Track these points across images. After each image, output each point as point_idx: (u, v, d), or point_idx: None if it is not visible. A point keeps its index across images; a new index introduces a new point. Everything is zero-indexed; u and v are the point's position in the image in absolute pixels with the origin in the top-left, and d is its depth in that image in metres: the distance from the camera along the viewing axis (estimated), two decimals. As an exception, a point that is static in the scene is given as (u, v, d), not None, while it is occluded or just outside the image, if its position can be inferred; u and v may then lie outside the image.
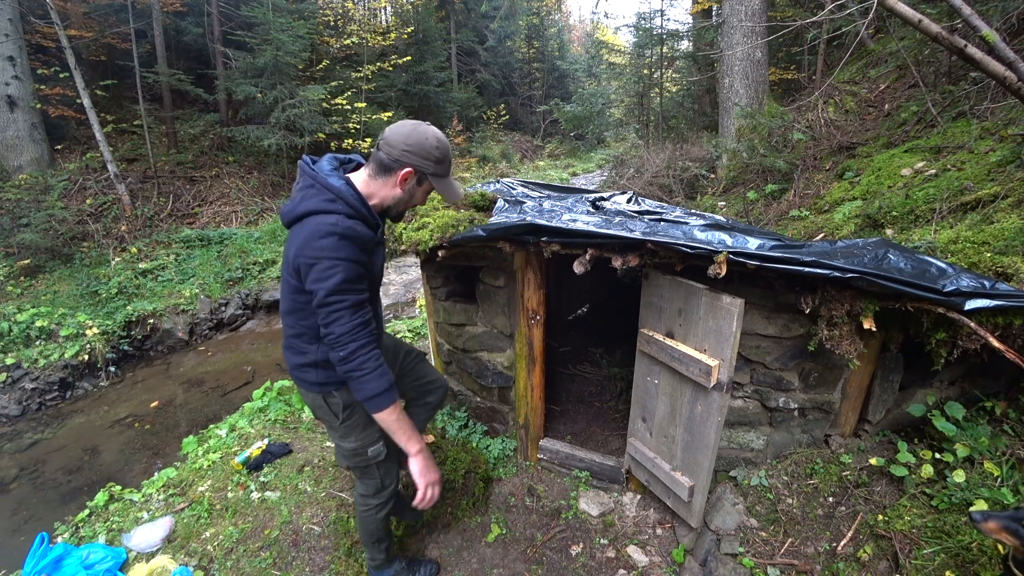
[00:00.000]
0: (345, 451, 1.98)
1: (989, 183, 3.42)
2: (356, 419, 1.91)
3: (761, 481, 2.57)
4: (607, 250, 2.22)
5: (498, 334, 3.06)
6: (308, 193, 1.62)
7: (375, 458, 1.99)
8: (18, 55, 8.16)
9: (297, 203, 1.62)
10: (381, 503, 2.12)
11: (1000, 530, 1.46)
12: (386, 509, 2.15)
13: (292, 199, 1.66)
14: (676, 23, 13.08)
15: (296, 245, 1.58)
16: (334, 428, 1.94)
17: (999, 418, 2.38)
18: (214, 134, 11.01)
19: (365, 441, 1.95)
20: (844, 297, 2.04)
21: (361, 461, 1.99)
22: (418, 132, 1.64)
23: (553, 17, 27.08)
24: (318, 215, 1.56)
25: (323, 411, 1.91)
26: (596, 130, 18.21)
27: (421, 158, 1.64)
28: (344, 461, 2.12)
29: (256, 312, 7.74)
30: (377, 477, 2.07)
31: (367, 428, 1.93)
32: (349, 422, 1.90)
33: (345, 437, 1.93)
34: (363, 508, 2.14)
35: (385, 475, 2.08)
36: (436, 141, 1.66)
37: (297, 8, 12.15)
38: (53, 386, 5.55)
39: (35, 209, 7.64)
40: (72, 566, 2.48)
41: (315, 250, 1.53)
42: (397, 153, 1.63)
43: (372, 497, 2.11)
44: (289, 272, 1.65)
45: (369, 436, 1.95)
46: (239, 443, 3.63)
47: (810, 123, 6.02)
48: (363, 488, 2.11)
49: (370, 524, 2.19)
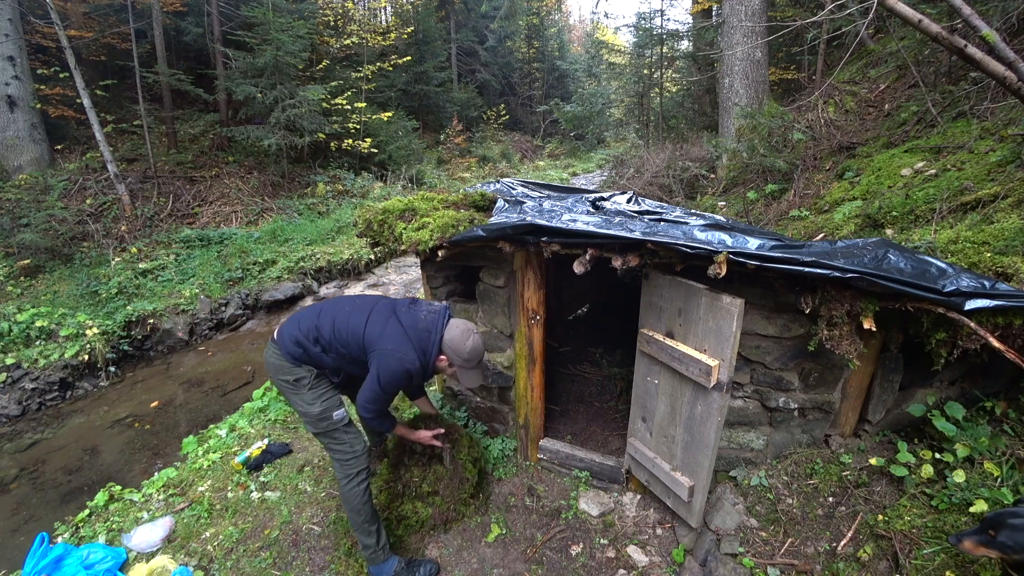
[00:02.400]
0: (311, 418, 2.32)
1: (989, 183, 3.42)
2: (322, 387, 2.34)
3: (761, 481, 2.57)
4: (607, 250, 2.22)
5: (498, 334, 3.06)
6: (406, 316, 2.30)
7: (340, 421, 2.35)
8: (18, 55, 8.16)
9: (383, 325, 2.25)
10: (359, 470, 2.37)
11: (977, 546, 1.46)
12: (365, 480, 2.38)
13: (381, 316, 2.29)
14: (676, 23, 13.07)
15: (377, 346, 2.19)
16: (301, 396, 2.30)
17: (999, 418, 2.38)
18: (214, 134, 11.01)
19: (328, 405, 2.33)
20: (844, 297, 2.04)
21: (328, 426, 2.33)
22: (460, 336, 2.25)
23: (553, 17, 27.07)
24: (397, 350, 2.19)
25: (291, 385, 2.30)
26: (596, 130, 18.22)
27: (454, 354, 2.27)
28: (312, 428, 2.38)
29: (256, 312, 7.73)
30: (346, 441, 2.37)
31: (330, 395, 2.36)
32: (315, 388, 2.32)
33: (311, 403, 2.30)
34: (345, 481, 2.36)
35: (353, 439, 2.39)
36: (471, 349, 2.26)
37: (297, 8, 12.15)
38: (53, 386, 5.55)
39: (35, 209, 7.63)
40: (72, 566, 2.49)
41: (388, 359, 2.17)
42: (444, 343, 2.26)
43: (350, 464, 2.36)
44: (358, 342, 2.25)
45: (332, 402, 2.35)
46: (239, 443, 3.63)
47: (810, 123, 6.02)
48: (339, 458, 2.38)
49: (354, 499, 2.35)
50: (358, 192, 11.59)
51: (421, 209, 2.86)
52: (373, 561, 2.44)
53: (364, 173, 12.29)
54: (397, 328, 2.22)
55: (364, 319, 2.25)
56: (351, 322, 2.26)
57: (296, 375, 2.29)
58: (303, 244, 9.02)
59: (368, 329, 2.22)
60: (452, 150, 17.26)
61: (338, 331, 2.26)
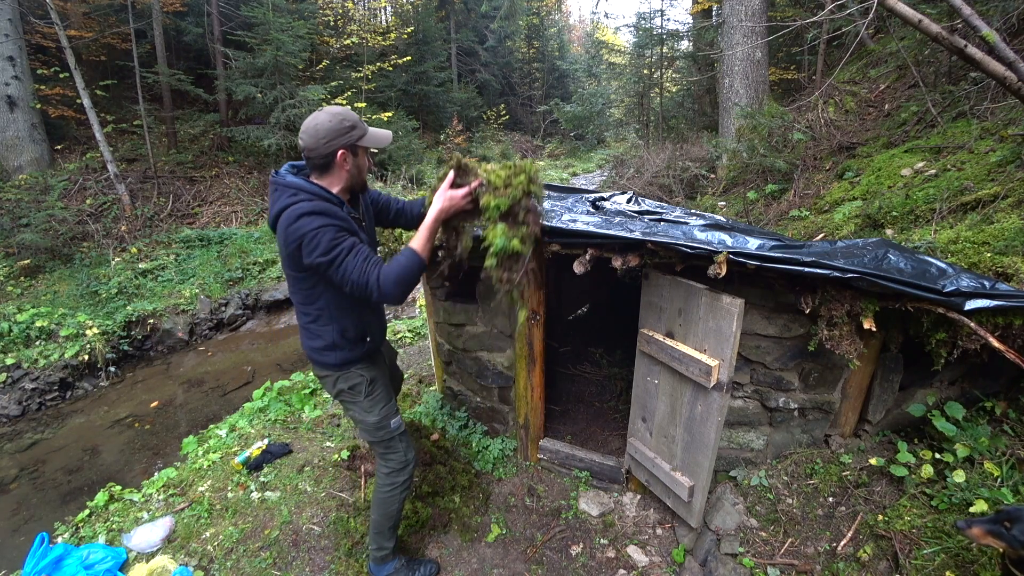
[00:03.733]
0: (369, 426, 2.13)
1: (989, 183, 3.42)
2: (379, 393, 2.11)
3: (761, 481, 2.57)
4: (607, 250, 2.22)
5: (498, 334, 3.06)
6: (276, 196, 1.81)
7: (397, 430, 2.17)
8: (18, 55, 8.16)
9: (271, 206, 1.82)
10: (406, 479, 2.23)
11: (985, 535, 1.46)
12: (408, 487, 2.26)
13: (270, 207, 1.85)
14: (676, 23, 13.08)
15: (282, 238, 1.76)
16: (358, 404, 2.09)
17: (999, 418, 2.38)
18: (214, 134, 11.01)
19: (387, 413, 2.13)
20: (844, 297, 2.04)
21: (385, 434, 2.15)
22: (321, 123, 1.77)
23: (553, 17, 27.07)
24: (287, 208, 1.74)
25: (345, 392, 2.07)
26: (596, 130, 18.22)
27: (341, 136, 1.78)
28: (368, 436, 2.19)
29: (256, 312, 7.73)
30: (401, 450, 2.20)
31: (388, 401, 2.15)
32: (373, 396, 2.09)
33: (369, 411, 2.10)
34: (388, 488, 2.21)
35: (407, 448, 2.23)
36: (340, 117, 1.80)
37: (297, 8, 12.15)
38: (53, 386, 5.55)
39: (35, 209, 7.63)
40: (72, 566, 2.49)
41: (296, 232, 1.70)
42: (324, 147, 1.78)
43: (399, 473, 2.20)
44: (287, 265, 1.85)
45: (390, 408, 2.15)
46: (239, 443, 3.63)
47: (810, 123, 6.02)
48: (389, 466, 2.21)
49: (392, 505, 2.24)
50: (358, 192, 11.58)
51: (421, 209, 2.86)
52: (379, 561, 2.42)
53: (364, 173, 12.27)
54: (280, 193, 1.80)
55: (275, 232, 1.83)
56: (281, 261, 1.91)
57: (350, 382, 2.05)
58: (303, 244, 9.00)
59: (278, 241, 1.82)
60: (452, 150, 17.25)
61: (285, 273, 1.91)
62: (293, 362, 6.20)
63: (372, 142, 1.89)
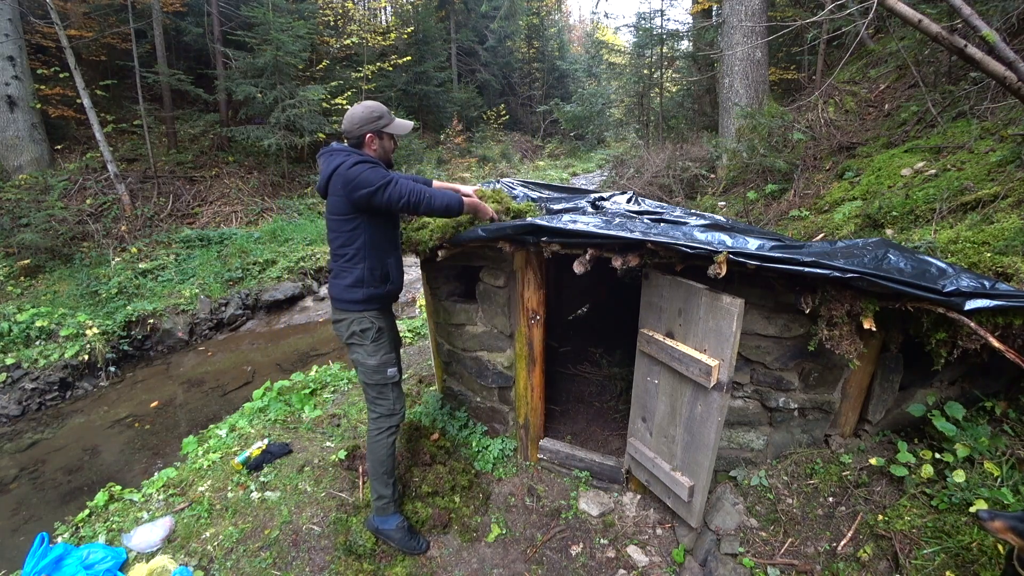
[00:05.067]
0: (368, 368, 2.43)
1: (989, 183, 3.42)
2: (384, 341, 2.44)
3: (761, 481, 2.57)
4: (607, 250, 2.22)
5: (498, 334, 3.06)
6: (330, 159, 2.25)
7: (392, 378, 2.47)
8: (18, 55, 8.16)
9: (325, 167, 2.24)
10: (392, 426, 2.50)
11: (1006, 530, 1.46)
12: (395, 436, 2.53)
13: (321, 172, 2.29)
14: (676, 23, 13.08)
15: (339, 183, 2.17)
16: (364, 347, 2.41)
17: (999, 418, 2.38)
18: (214, 134, 11.01)
19: (386, 360, 2.45)
20: (844, 297, 2.04)
21: (380, 379, 2.45)
22: (356, 114, 2.28)
23: (553, 17, 27.07)
24: (343, 163, 2.18)
25: (356, 335, 2.39)
26: (596, 130, 18.21)
27: (370, 124, 2.28)
28: (364, 378, 2.48)
29: (256, 312, 7.73)
30: (390, 399, 2.49)
31: (389, 352, 2.47)
32: (378, 342, 2.42)
33: (372, 355, 2.41)
34: (375, 432, 2.49)
35: (396, 399, 2.51)
36: (369, 109, 2.30)
37: (297, 8, 12.15)
38: (53, 386, 5.55)
39: (35, 209, 7.63)
40: (72, 566, 2.49)
41: (354, 174, 2.14)
42: (357, 132, 2.29)
43: (386, 419, 2.49)
44: (339, 210, 2.24)
45: (389, 357, 2.47)
46: (239, 443, 3.63)
47: (810, 123, 6.02)
48: (377, 411, 2.49)
49: (380, 450, 2.48)
50: (358, 192, 11.58)
51: (421, 209, 2.85)
52: (382, 512, 2.57)
53: (364, 173, 12.27)
54: (335, 155, 2.26)
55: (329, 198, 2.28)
56: (328, 214, 2.31)
57: (363, 325, 2.38)
58: (303, 244, 9.01)
59: (330, 193, 2.25)
60: (452, 150, 17.26)
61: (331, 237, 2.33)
62: (293, 362, 6.19)
63: (395, 129, 2.37)
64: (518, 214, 2.61)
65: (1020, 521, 1.45)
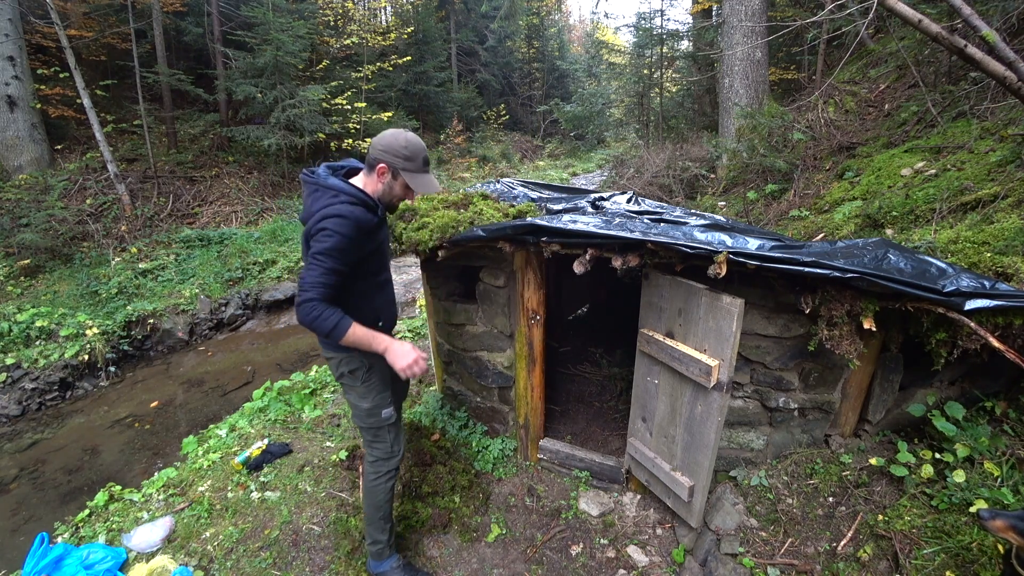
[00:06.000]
0: (361, 412, 2.26)
1: (989, 183, 3.42)
2: (374, 381, 2.23)
3: (761, 481, 2.57)
4: (607, 250, 2.22)
5: (498, 334, 3.06)
6: (315, 196, 1.95)
7: (387, 420, 2.29)
8: (18, 55, 8.16)
9: (309, 206, 1.95)
10: (391, 470, 2.33)
11: (1007, 529, 1.46)
12: (393, 479, 2.35)
13: (305, 206, 2.00)
14: (676, 23, 13.08)
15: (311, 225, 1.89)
16: (355, 389, 2.23)
17: (999, 418, 2.38)
18: (214, 134, 11.01)
19: (379, 402, 2.25)
20: (844, 297, 2.04)
21: (375, 422, 2.27)
22: (390, 135, 2.00)
23: (553, 17, 27.05)
24: (328, 206, 1.89)
25: (346, 376, 2.21)
26: (596, 130, 18.20)
27: (391, 155, 1.98)
28: (359, 422, 2.33)
29: (256, 312, 7.73)
30: (387, 441, 2.31)
31: (382, 392, 2.26)
32: (369, 383, 2.22)
33: (363, 397, 2.23)
34: (373, 476, 2.32)
35: (394, 441, 2.33)
36: (405, 142, 1.99)
37: (297, 8, 12.15)
38: (53, 386, 5.55)
39: (35, 209, 7.63)
40: (72, 566, 2.48)
41: (320, 222, 1.86)
42: (375, 153, 1.99)
43: (383, 463, 2.31)
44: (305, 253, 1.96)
45: (383, 399, 2.26)
46: (239, 443, 3.63)
47: (810, 123, 6.02)
48: (374, 454, 2.32)
49: (379, 495, 2.33)
50: (358, 192, 11.57)
51: (421, 209, 2.86)
52: (378, 557, 2.44)
53: (364, 173, 12.27)
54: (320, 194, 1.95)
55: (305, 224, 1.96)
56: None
57: (351, 366, 2.16)
58: (303, 244, 9.01)
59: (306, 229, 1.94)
60: (452, 150, 17.26)
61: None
62: (293, 362, 6.19)
63: (414, 182, 2.04)
64: (518, 214, 2.60)
65: (1021, 520, 1.45)
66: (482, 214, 2.67)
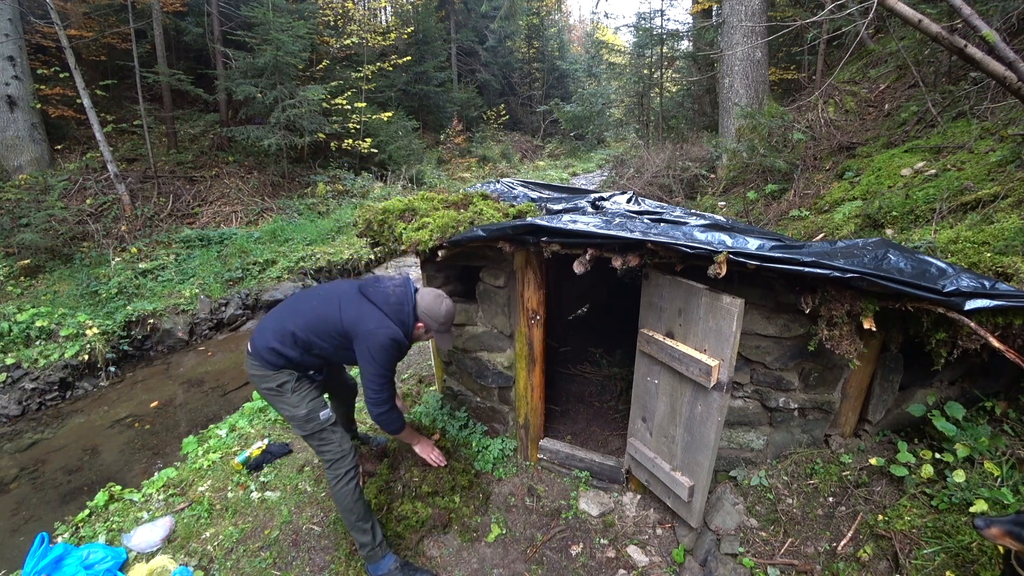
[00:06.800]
0: (299, 420, 2.34)
1: (989, 183, 3.42)
2: (305, 388, 2.35)
3: (761, 481, 2.57)
4: (607, 250, 2.22)
5: (498, 334, 3.06)
6: (365, 308, 2.27)
7: (327, 421, 2.38)
8: (18, 55, 8.16)
9: (354, 309, 2.26)
10: (348, 469, 2.38)
11: (1004, 535, 1.46)
12: (355, 478, 2.40)
13: (344, 308, 2.27)
14: (676, 23, 13.08)
15: (363, 340, 2.22)
16: (286, 400, 2.32)
17: (999, 418, 2.38)
18: (214, 134, 11.00)
19: (314, 406, 2.35)
20: (844, 297, 2.04)
21: (315, 426, 2.35)
22: (434, 302, 2.35)
23: (553, 17, 27.06)
24: (381, 328, 2.23)
25: (273, 391, 2.32)
26: (596, 130, 18.20)
27: (431, 319, 2.35)
28: (300, 431, 2.39)
29: (256, 312, 7.72)
30: (335, 441, 2.39)
31: (315, 397, 2.39)
32: (300, 391, 2.33)
33: (297, 405, 2.32)
34: (334, 481, 2.37)
35: (340, 438, 2.42)
36: (444, 313, 2.36)
37: (297, 8, 12.14)
38: (53, 386, 5.54)
39: (35, 209, 7.62)
40: (72, 566, 2.49)
41: (378, 342, 2.21)
42: (422, 313, 2.34)
43: (339, 464, 2.37)
44: (343, 343, 2.29)
45: (318, 403, 2.38)
46: (239, 443, 3.63)
47: (810, 123, 6.02)
48: (327, 458, 2.38)
49: (344, 498, 2.36)
50: (358, 192, 11.59)
51: (421, 209, 2.86)
52: (371, 559, 2.44)
53: (364, 173, 12.29)
54: (371, 308, 2.26)
55: (336, 308, 2.27)
56: (324, 314, 2.27)
57: (279, 380, 2.30)
58: (303, 244, 9.01)
59: (344, 316, 2.24)
60: (452, 150, 17.26)
61: (313, 328, 2.27)
62: (293, 362, 6.18)
63: (438, 338, 2.46)
64: (518, 214, 2.60)
65: (1015, 525, 1.44)
66: (482, 214, 2.67)
